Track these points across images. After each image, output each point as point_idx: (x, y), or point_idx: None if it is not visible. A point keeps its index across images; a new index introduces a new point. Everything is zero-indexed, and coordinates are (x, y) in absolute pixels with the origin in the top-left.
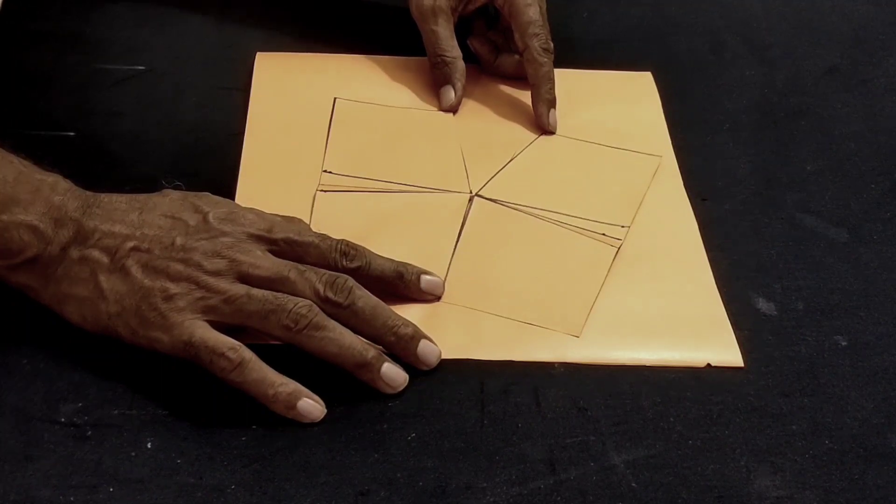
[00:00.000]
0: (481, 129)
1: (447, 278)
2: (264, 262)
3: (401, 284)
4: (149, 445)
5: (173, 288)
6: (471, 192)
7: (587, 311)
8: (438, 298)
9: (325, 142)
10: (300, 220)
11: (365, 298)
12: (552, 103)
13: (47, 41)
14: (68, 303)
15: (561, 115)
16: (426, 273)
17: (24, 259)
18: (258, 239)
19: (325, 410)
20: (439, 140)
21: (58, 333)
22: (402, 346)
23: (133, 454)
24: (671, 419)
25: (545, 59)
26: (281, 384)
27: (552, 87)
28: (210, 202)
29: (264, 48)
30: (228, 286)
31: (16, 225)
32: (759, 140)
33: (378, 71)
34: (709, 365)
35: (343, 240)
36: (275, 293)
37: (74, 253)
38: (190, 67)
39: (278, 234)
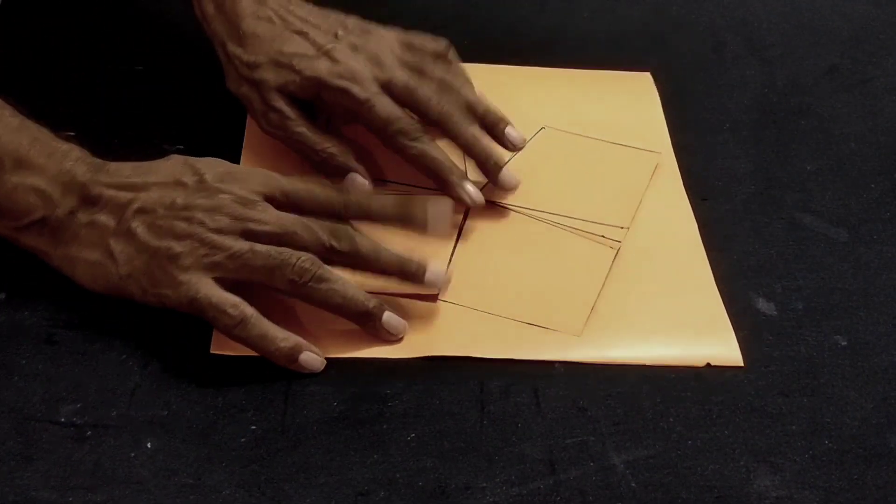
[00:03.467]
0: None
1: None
2: (267, 217)
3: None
4: (148, 446)
5: (178, 247)
6: None
7: (588, 311)
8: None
9: None
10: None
11: (367, 242)
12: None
13: (47, 39)
14: (78, 266)
15: (560, 115)
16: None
17: (30, 221)
18: (257, 195)
19: (325, 362)
20: (438, 141)
21: (59, 331)
22: (409, 278)
23: (132, 455)
24: (671, 419)
25: (423, 147)
26: (282, 339)
27: (451, 167)
28: (208, 164)
29: None
30: (232, 243)
31: (24, 188)
32: (759, 140)
33: None
34: (709, 364)
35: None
36: (278, 248)
37: (83, 217)
38: (190, 67)
39: (275, 189)
